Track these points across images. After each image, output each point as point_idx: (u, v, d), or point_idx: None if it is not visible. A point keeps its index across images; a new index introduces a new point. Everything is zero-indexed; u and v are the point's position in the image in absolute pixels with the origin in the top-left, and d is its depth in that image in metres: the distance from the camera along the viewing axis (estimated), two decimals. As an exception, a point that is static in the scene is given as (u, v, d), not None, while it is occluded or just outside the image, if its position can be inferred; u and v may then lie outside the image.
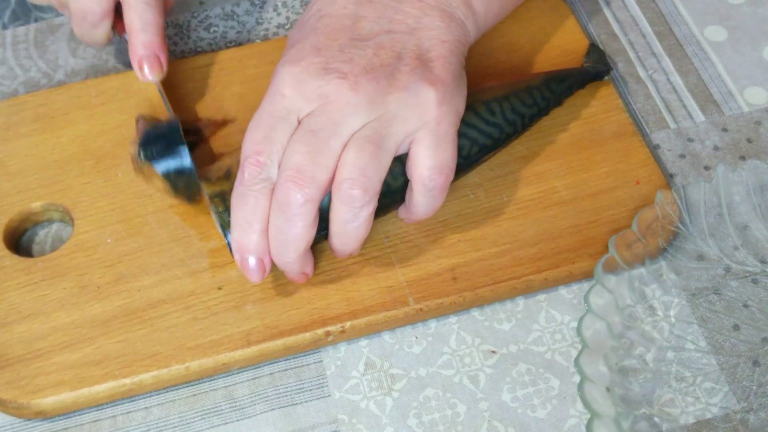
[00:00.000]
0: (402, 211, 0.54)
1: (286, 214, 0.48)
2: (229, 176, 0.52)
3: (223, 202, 0.51)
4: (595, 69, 0.61)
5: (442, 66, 0.51)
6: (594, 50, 0.62)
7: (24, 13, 0.69)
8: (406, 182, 0.51)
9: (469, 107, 0.53)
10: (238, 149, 0.52)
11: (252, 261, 0.49)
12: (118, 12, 0.59)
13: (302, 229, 0.48)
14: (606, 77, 0.61)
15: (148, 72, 0.58)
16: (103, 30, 0.60)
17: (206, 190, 0.52)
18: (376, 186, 0.48)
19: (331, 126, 0.48)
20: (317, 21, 0.52)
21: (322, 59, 0.50)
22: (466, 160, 0.54)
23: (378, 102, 0.49)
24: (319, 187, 0.48)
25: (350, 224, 0.49)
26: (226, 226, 0.51)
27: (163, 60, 0.58)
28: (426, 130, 0.50)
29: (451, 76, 0.51)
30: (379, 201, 0.50)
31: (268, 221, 0.49)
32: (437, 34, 0.52)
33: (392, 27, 0.52)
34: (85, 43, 0.61)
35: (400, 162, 0.51)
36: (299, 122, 0.49)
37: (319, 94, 0.49)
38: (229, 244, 0.50)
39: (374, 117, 0.49)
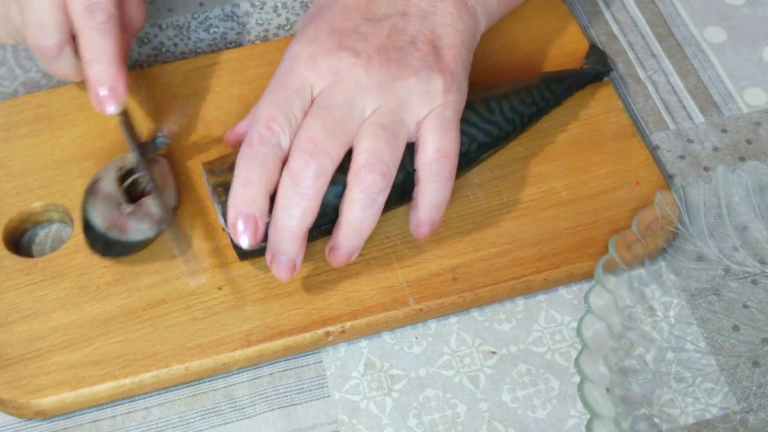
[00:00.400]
0: (412, 219, 0.52)
1: (298, 186, 0.48)
2: (233, 168, 0.52)
3: (225, 192, 0.51)
4: (595, 70, 0.61)
5: (453, 55, 0.52)
6: (595, 51, 0.62)
7: (24, 14, 0.68)
8: (404, 177, 0.51)
9: (468, 105, 0.53)
10: None
11: (246, 215, 0.48)
12: None
13: (312, 202, 0.48)
14: (606, 78, 0.61)
15: (105, 105, 0.53)
16: (65, 62, 0.56)
17: (210, 181, 0.52)
18: (392, 172, 0.49)
19: (344, 104, 0.49)
20: (333, 1, 0.53)
21: (337, 37, 0.51)
22: (465, 157, 0.54)
23: (387, 85, 0.50)
24: (332, 161, 0.48)
25: (366, 210, 0.49)
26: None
27: (121, 90, 0.53)
28: (432, 116, 0.50)
29: (460, 66, 0.52)
30: None
31: (271, 186, 0.49)
32: (450, 21, 0.52)
33: (407, 9, 0.52)
34: (61, 79, 0.58)
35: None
36: (312, 99, 0.50)
37: (332, 71, 0.50)
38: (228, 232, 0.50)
39: (384, 101, 0.50)
